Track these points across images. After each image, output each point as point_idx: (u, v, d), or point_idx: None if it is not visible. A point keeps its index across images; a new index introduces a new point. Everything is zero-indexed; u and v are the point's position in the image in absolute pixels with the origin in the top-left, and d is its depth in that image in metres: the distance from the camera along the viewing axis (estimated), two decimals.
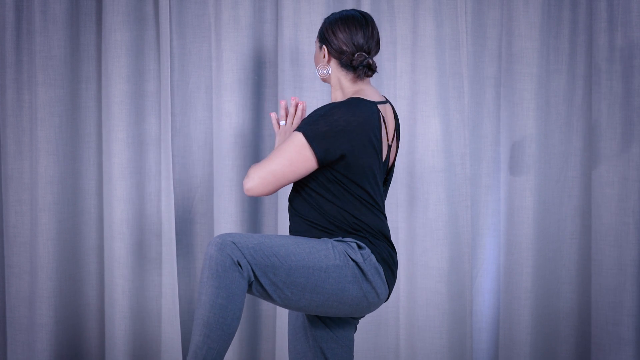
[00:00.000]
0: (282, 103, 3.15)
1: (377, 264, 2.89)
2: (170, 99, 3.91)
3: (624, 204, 3.87)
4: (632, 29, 3.84)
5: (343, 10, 3.06)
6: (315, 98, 3.87)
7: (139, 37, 3.94)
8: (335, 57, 3.02)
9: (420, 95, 3.87)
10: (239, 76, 3.90)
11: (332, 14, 3.06)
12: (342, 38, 3.00)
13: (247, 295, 3.95)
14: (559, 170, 3.95)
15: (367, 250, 2.88)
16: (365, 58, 2.99)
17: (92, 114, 4.01)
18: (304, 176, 2.90)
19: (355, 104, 2.91)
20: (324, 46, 3.03)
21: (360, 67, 3.00)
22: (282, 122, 3.14)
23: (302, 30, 3.86)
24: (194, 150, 4.01)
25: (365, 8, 3.83)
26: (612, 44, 3.86)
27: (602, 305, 3.89)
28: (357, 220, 2.91)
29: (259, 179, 2.85)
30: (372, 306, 2.92)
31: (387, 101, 3.04)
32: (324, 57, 3.03)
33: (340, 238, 2.90)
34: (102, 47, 3.93)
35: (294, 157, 2.87)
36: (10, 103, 3.94)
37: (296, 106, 3.14)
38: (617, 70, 3.86)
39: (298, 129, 2.89)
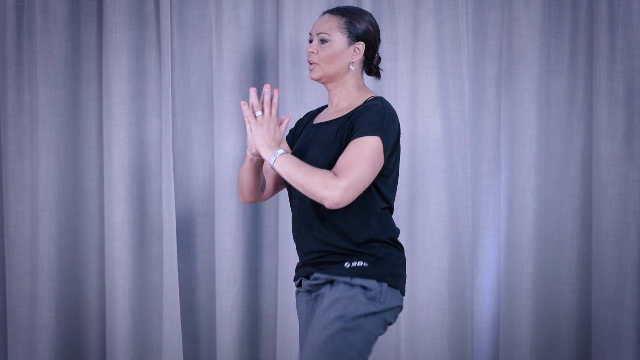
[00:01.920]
0: (253, 91, 2.84)
1: (393, 293, 2.82)
2: (171, 99, 3.91)
3: (625, 204, 3.87)
4: (632, 29, 3.84)
5: (362, 9, 2.96)
6: (316, 98, 3.87)
7: (139, 37, 3.94)
8: (367, 57, 2.92)
9: (421, 96, 3.87)
10: (239, 76, 3.90)
11: (362, 10, 2.93)
12: (379, 39, 2.94)
13: (247, 294, 3.96)
14: (560, 170, 3.95)
15: (382, 294, 2.79)
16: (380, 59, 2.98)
17: (93, 114, 4.01)
18: None
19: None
20: (361, 43, 2.88)
21: (375, 68, 2.97)
22: (259, 113, 2.83)
23: (302, 30, 3.85)
24: (194, 151, 4.01)
25: (366, 8, 3.82)
26: (613, 44, 3.86)
27: (603, 305, 3.89)
28: (381, 230, 2.84)
29: (350, 189, 2.67)
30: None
31: None
32: (356, 51, 2.88)
33: (360, 274, 2.80)
34: (103, 47, 3.93)
35: (376, 163, 2.74)
36: (11, 103, 3.94)
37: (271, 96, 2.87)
38: (618, 71, 3.86)
39: (371, 132, 2.72)
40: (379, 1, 3.88)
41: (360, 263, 2.79)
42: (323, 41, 2.88)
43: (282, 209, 3.88)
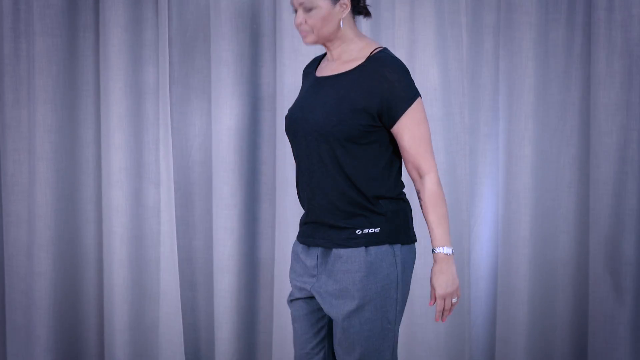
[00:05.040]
0: None
1: (407, 249, 2.90)
2: (168, 48, 3.89)
3: (623, 153, 3.86)
4: None
5: None
6: (314, 47, 3.84)
7: None
8: (354, 5, 2.87)
9: (418, 45, 3.85)
10: (237, 25, 3.88)
11: None
12: None
13: (244, 242, 3.96)
14: (558, 119, 3.94)
15: (397, 256, 2.85)
16: None
17: (90, 63, 4.00)
18: None
19: None
20: None
21: (364, 8, 2.92)
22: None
23: None
24: (192, 99, 4.00)
25: None
26: None
27: (600, 254, 3.89)
28: (391, 186, 2.88)
29: (435, 169, 2.87)
30: None
31: None
32: (343, 7, 2.83)
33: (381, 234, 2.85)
34: None
35: (426, 119, 2.87)
36: (8, 52, 3.93)
37: None
38: (616, 20, 3.84)
39: (414, 95, 2.79)
40: None
41: (372, 230, 2.82)
42: (308, 9, 2.83)
43: (279, 157, 3.87)
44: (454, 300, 2.86)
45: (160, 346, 3.95)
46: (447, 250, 2.84)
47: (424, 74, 3.85)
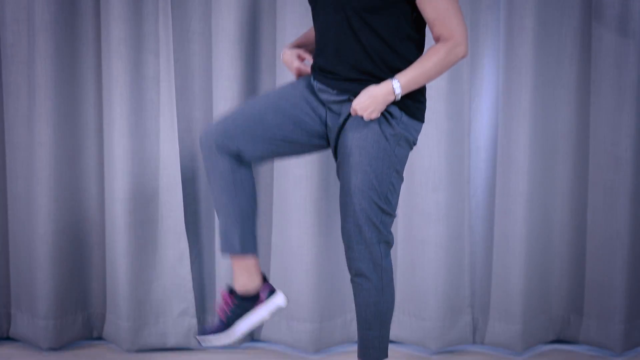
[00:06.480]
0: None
1: (412, 122, 2.97)
2: None
3: (625, 25, 3.83)
4: None
5: None
6: None
7: None
8: None
9: None
10: None
11: None
12: None
13: None
14: None
15: (402, 120, 2.94)
16: None
17: None
18: None
19: None
20: None
21: None
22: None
23: None
24: None
25: None
26: None
27: (601, 125, 3.89)
28: (411, 58, 2.93)
29: (464, 35, 2.83)
30: None
31: None
32: None
33: None
34: None
35: None
36: None
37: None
38: None
39: None
40: None
41: None
42: None
43: (279, 29, 3.86)
44: (364, 112, 2.86)
45: (161, 215, 3.96)
46: (397, 88, 2.84)
47: None
